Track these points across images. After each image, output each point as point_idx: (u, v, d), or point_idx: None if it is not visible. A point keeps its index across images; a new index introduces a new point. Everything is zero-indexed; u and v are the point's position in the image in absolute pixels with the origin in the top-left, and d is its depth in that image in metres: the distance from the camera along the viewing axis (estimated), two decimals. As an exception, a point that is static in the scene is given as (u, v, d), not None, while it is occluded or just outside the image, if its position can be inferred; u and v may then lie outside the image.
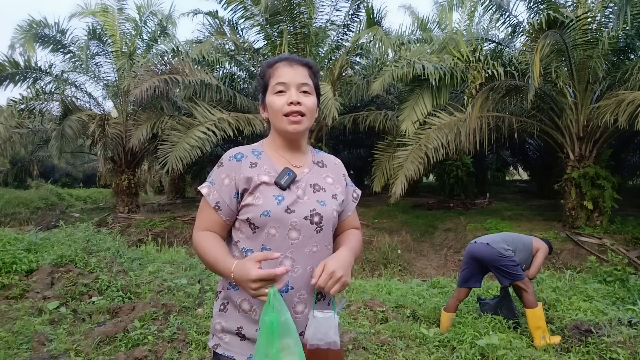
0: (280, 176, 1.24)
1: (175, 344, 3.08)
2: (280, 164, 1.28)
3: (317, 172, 1.34)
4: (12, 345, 3.01)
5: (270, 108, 1.28)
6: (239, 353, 1.22)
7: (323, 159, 1.40)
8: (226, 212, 1.25)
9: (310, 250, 1.23)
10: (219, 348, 1.24)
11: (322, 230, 1.25)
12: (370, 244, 8.45)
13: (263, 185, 1.22)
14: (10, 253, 4.27)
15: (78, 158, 24.32)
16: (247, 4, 10.13)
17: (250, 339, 1.21)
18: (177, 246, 7.71)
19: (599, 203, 7.87)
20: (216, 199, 1.24)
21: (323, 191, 1.30)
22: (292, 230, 1.21)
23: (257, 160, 1.27)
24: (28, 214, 12.95)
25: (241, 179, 1.23)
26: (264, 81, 1.30)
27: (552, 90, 8.09)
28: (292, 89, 1.25)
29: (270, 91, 1.28)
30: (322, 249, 1.26)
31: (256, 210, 1.20)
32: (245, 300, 1.22)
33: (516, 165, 20.49)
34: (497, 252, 3.54)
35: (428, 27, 12.75)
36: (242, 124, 9.72)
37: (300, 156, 1.34)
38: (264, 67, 1.32)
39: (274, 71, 1.28)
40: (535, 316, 3.43)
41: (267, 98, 1.28)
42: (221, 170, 1.26)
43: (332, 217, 1.28)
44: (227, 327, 1.24)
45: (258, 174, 1.24)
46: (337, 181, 1.37)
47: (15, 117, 11.07)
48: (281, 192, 1.22)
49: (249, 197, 1.22)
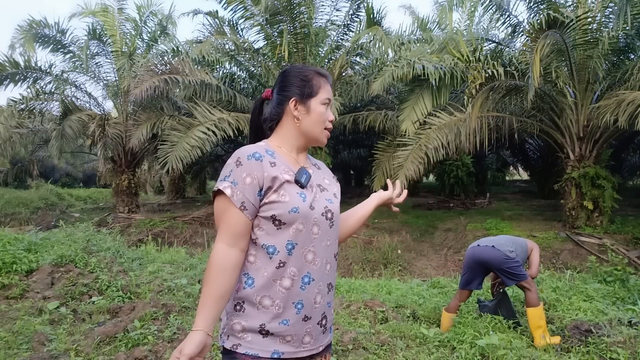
0: (299, 175, 1.30)
1: (175, 344, 3.07)
2: (293, 165, 1.34)
3: (317, 174, 1.42)
4: (12, 345, 3.01)
5: (314, 115, 1.36)
6: (263, 350, 1.22)
7: (317, 162, 1.50)
8: (251, 212, 1.25)
9: (326, 244, 1.32)
10: (240, 347, 1.23)
11: (334, 225, 1.35)
12: (370, 244, 8.45)
13: (286, 183, 1.27)
14: (10, 253, 4.26)
15: (78, 158, 24.33)
16: (247, 4, 10.12)
17: (275, 333, 1.23)
18: (177, 246, 7.71)
19: (599, 203, 7.87)
20: (241, 199, 1.23)
21: (326, 191, 1.39)
22: (314, 226, 1.28)
23: (274, 159, 1.30)
24: (28, 214, 12.94)
25: (266, 177, 1.25)
26: (310, 86, 1.36)
27: (552, 90, 8.09)
28: (331, 107, 1.40)
29: (318, 100, 1.36)
30: (333, 243, 1.36)
31: (284, 207, 1.24)
32: (265, 297, 1.24)
33: (516, 165, 20.49)
34: (503, 254, 3.56)
35: (428, 27, 12.73)
36: (242, 124, 9.72)
37: (304, 159, 1.42)
38: (311, 72, 1.39)
39: (323, 83, 1.38)
40: (537, 315, 3.44)
41: (313, 104, 1.36)
42: (241, 170, 1.25)
43: (339, 213, 1.40)
44: (248, 326, 1.23)
45: (281, 172, 1.28)
46: (332, 183, 1.46)
47: (15, 117, 11.09)
48: (302, 190, 1.29)
49: (273, 195, 1.25)
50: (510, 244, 3.69)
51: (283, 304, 1.24)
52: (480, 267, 3.70)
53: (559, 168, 10.11)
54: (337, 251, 1.41)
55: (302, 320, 1.26)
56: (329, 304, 1.36)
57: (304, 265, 1.27)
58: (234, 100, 10.74)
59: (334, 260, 1.37)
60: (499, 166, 20.30)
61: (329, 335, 1.38)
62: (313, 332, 1.29)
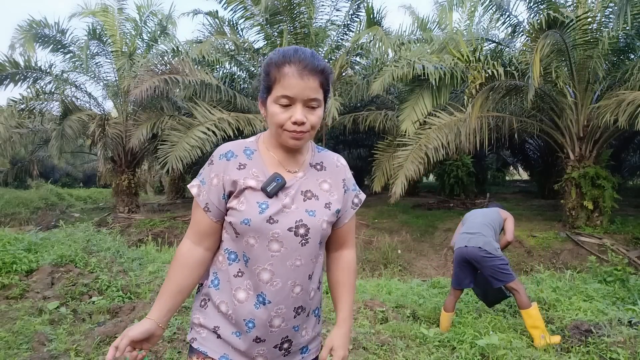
0: (267, 182, 1.15)
1: (175, 344, 3.08)
2: (271, 167, 1.19)
3: (313, 177, 1.23)
4: (12, 345, 3.01)
5: (270, 118, 1.14)
6: (214, 350, 1.20)
7: (324, 160, 1.29)
8: (215, 214, 1.19)
9: (293, 264, 1.15)
10: (195, 342, 1.22)
11: (308, 243, 1.16)
12: (370, 244, 8.45)
13: (249, 190, 1.15)
14: (10, 253, 4.26)
15: (78, 158, 24.33)
16: (247, 4, 10.14)
17: (225, 339, 1.19)
18: (177, 246, 7.69)
19: (599, 203, 7.87)
20: (205, 200, 1.18)
21: (315, 199, 1.20)
22: (274, 242, 1.13)
23: (248, 161, 1.19)
24: (28, 214, 12.94)
25: (227, 181, 1.16)
26: (268, 80, 1.13)
27: (552, 90, 8.09)
28: (298, 105, 1.10)
29: (272, 99, 1.12)
30: (307, 263, 1.17)
31: (238, 216, 1.14)
32: (223, 303, 1.19)
33: (516, 165, 20.50)
34: (490, 254, 3.60)
35: (428, 27, 12.74)
36: (242, 124, 9.72)
37: (297, 158, 1.23)
38: (270, 64, 1.13)
39: (280, 76, 1.09)
40: (531, 316, 3.44)
41: (269, 104, 1.14)
42: (211, 169, 1.19)
43: (321, 229, 1.18)
44: (204, 323, 1.22)
45: (245, 177, 1.16)
46: (335, 187, 1.25)
47: (15, 117, 11.09)
48: (267, 199, 1.14)
49: (233, 201, 1.16)
50: (493, 233, 3.77)
51: (235, 317, 1.17)
52: (470, 266, 3.74)
53: (559, 168, 10.11)
54: (317, 272, 1.22)
55: (252, 340, 1.16)
56: (296, 327, 1.20)
57: (257, 284, 1.15)
58: (234, 100, 10.75)
59: (307, 283, 1.19)
60: (499, 166, 20.32)
61: (298, 357, 1.26)
62: (268, 355, 1.19)
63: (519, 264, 7.30)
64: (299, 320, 1.21)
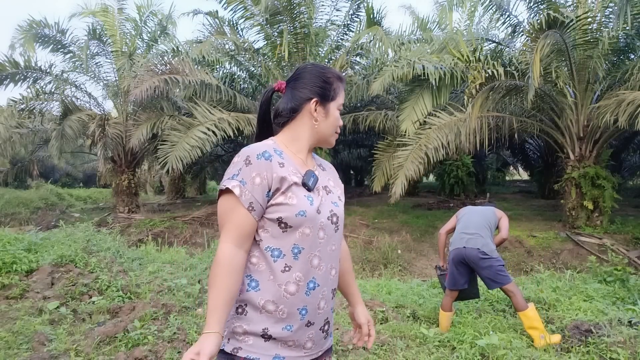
0: (306, 177, 1.27)
1: (175, 344, 3.08)
2: (300, 166, 1.30)
3: (322, 175, 1.38)
4: (12, 345, 3.01)
5: (332, 119, 1.35)
6: (264, 354, 1.20)
7: (322, 162, 1.45)
8: (259, 213, 1.22)
9: (331, 249, 1.30)
10: (241, 351, 1.20)
11: (339, 229, 1.33)
12: (370, 244, 8.45)
13: (294, 185, 1.24)
14: (10, 253, 4.26)
15: (78, 158, 24.32)
16: (247, 4, 10.13)
17: (277, 338, 1.21)
18: (177, 246, 7.70)
19: (599, 203, 7.87)
20: (249, 199, 1.19)
21: (332, 193, 1.35)
22: (320, 230, 1.26)
23: (283, 160, 1.26)
24: (28, 214, 12.93)
25: (275, 178, 1.21)
26: (331, 89, 1.35)
27: (552, 90, 8.09)
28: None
29: (336, 104, 1.36)
30: (338, 247, 1.34)
31: (291, 210, 1.20)
32: (269, 302, 1.21)
33: (516, 165, 20.51)
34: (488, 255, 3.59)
35: (428, 27, 12.74)
36: (242, 124, 9.72)
37: (310, 159, 1.38)
38: (331, 76, 1.35)
39: (340, 89, 1.37)
40: (528, 317, 3.44)
41: (332, 108, 1.35)
42: (251, 169, 1.21)
43: (343, 217, 1.37)
44: (249, 329, 1.21)
45: (289, 174, 1.24)
46: (336, 184, 1.42)
47: (15, 117, 11.09)
48: (309, 192, 1.26)
49: (280, 197, 1.21)
50: (489, 234, 3.77)
51: (287, 310, 1.21)
52: (466, 267, 3.73)
53: (559, 168, 10.12)
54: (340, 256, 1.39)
55: (305, 326, 1.24)
56: (332, 308, 1.35)
57: (309, 271, 1.24)
58: (234, 100, 10.74)
59: (338, 265, 1.36)
60: (499, 166, 20.32)
61: (329, 340, 1.36)
62: (315, 338, 1.27)
63: (519, 264, 7.30)
64: (333, 301, 1.35)
